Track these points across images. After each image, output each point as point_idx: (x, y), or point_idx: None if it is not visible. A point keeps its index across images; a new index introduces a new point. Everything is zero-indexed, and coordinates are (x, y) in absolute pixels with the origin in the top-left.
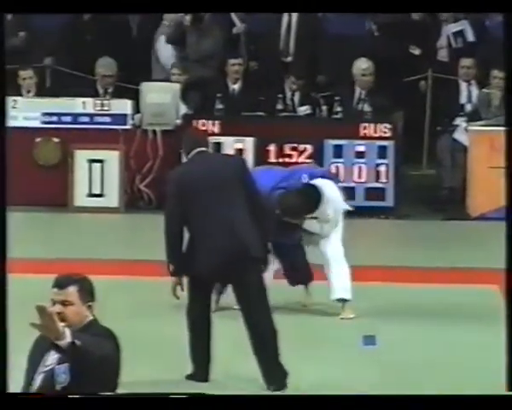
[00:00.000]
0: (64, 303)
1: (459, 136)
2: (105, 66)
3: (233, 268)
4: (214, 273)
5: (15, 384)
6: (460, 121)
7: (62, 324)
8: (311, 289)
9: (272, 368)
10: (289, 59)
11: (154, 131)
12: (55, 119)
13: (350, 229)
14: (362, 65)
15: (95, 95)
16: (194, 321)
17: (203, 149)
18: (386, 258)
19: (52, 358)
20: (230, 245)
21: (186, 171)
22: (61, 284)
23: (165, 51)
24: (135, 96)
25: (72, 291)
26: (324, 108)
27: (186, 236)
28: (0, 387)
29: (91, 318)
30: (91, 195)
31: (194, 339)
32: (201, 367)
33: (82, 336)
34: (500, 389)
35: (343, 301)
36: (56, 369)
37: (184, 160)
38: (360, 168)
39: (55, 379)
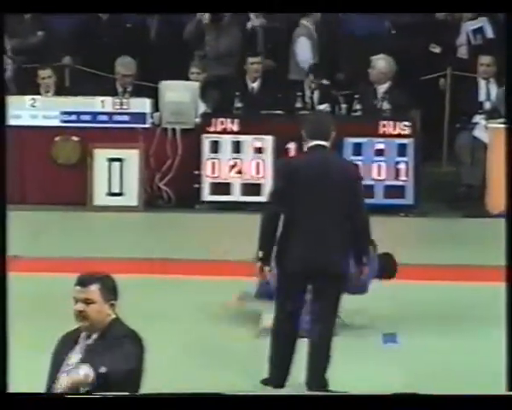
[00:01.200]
0: (86, 301)
1: (479, 133)
2: (124, 65)
3: (309, 278)
4: (297, 275)
5: (16, 384)
6: (479, 119)
7: (85, 323)
8: None
9: (316, 379)
10: None
11: (174, 130)
12: (74, 117)
13: None
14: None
15: (114, 94)
16: (278, 324)
17: (323, 143)
18: (405, 256)
19: (75, 357)
20: (314, 256)
21: (298, 163)
22: (83, 282)
23: (302, 52)
24: (154, 94)
25: (94, 289)
26: (343, 106)
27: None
28: (0, 387)
29: (114, 316)
30: (111, 194)
31: (276, 341)
32: (279, 372)
33: (106, 356)
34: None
35: None
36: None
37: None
38: (379, 166)
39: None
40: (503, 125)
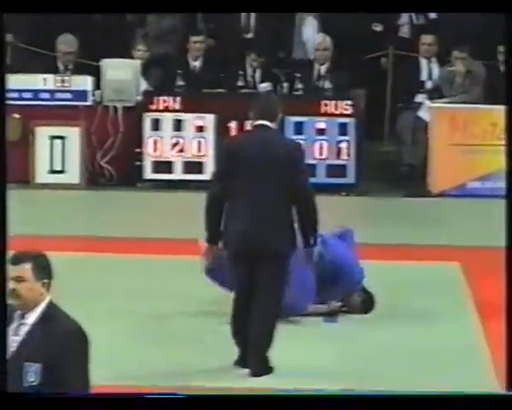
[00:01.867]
0: (17, 279)
1: (423, 113)
2: (66, 42)
3: (252, 257)
4: (238, 254)
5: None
6: (421, 98)
7: (18, 301)
8: None
9: (258, 358)
10: (250, 35)
11: (115, 108)
12: (15, 95)
13: None
14: (318, 39)
15: (55, 71)
16: (234, 304)
17: (267, 123)
18: None
19: (12, 338)
20: (254, 235)
21: (239, 142)
22: (15, 260)
23: (307, 30)
24: (95, 72)
25: (25, 268)
26: (285, 84)
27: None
28: (0, 387)
29: (48, 298)
30: (52, 171)
31: (233, 316)
32: (241, 350)
33: (48, 350)
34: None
35: None
36: (27, 366)
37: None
38: (321, 145)
39: (24, 377)
40: (444, 105)
